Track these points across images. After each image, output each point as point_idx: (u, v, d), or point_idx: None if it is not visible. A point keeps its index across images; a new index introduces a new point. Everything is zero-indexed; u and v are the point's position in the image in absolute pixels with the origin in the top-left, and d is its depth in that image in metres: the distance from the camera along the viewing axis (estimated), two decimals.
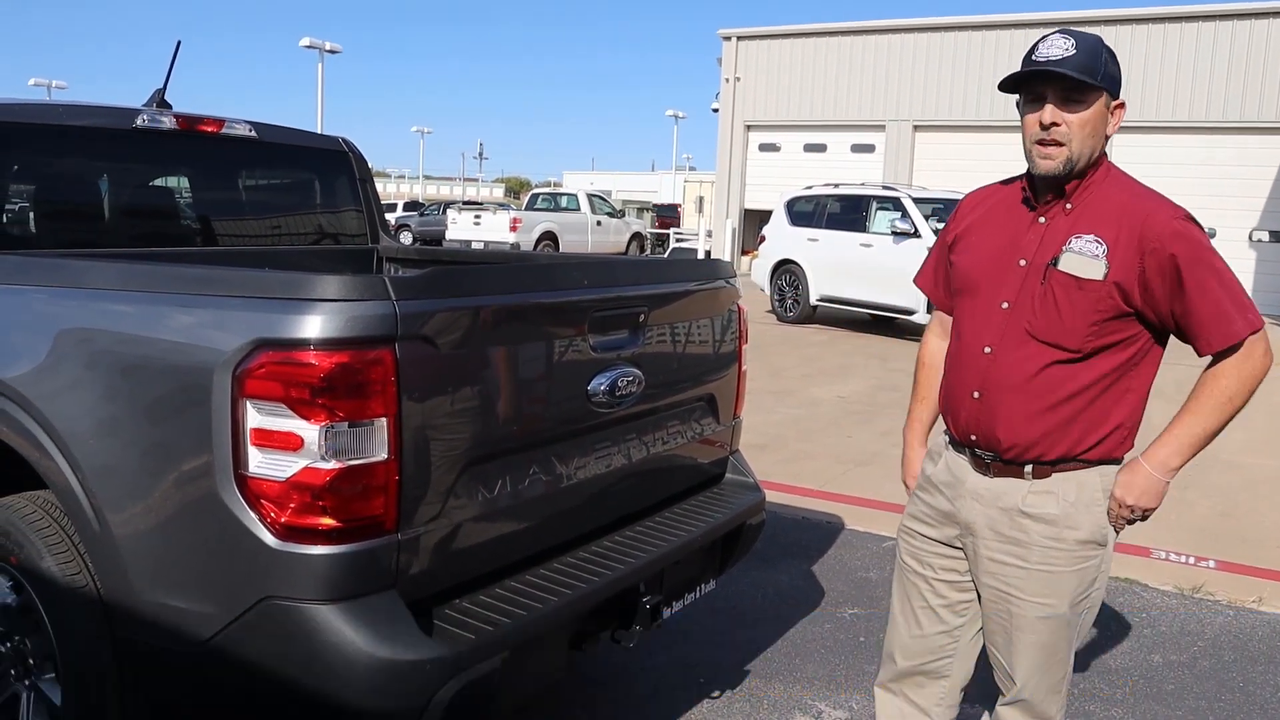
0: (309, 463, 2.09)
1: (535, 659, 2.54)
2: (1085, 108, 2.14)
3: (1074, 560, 2.27)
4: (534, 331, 2.55)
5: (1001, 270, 2.28)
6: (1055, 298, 2.18)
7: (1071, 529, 2.26)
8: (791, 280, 15.13)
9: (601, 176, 78.52)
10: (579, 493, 2.76)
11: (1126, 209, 2.17)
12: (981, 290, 2.32)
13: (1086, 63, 2.11)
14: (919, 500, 2.54)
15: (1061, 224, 2.22)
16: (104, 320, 2.44)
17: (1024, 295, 2.23)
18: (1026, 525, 2.27)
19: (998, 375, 2.26)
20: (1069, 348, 2.19)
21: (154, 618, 2.30)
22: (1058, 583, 2.28)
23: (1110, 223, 2.17)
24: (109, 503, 2.32)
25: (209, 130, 3.90)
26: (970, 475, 2.36)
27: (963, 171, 22.21)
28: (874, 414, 8.62)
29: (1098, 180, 2.22)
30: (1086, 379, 2.21)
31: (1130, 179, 2.26)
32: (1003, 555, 2.31)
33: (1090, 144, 2.17)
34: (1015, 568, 2.30)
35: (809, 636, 4.11)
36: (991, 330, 2.28)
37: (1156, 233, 2.12)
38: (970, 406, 2.31)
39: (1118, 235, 2.15)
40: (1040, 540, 2.27)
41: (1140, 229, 2.13)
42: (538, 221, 26.46)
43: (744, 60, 26.54)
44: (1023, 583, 2.30)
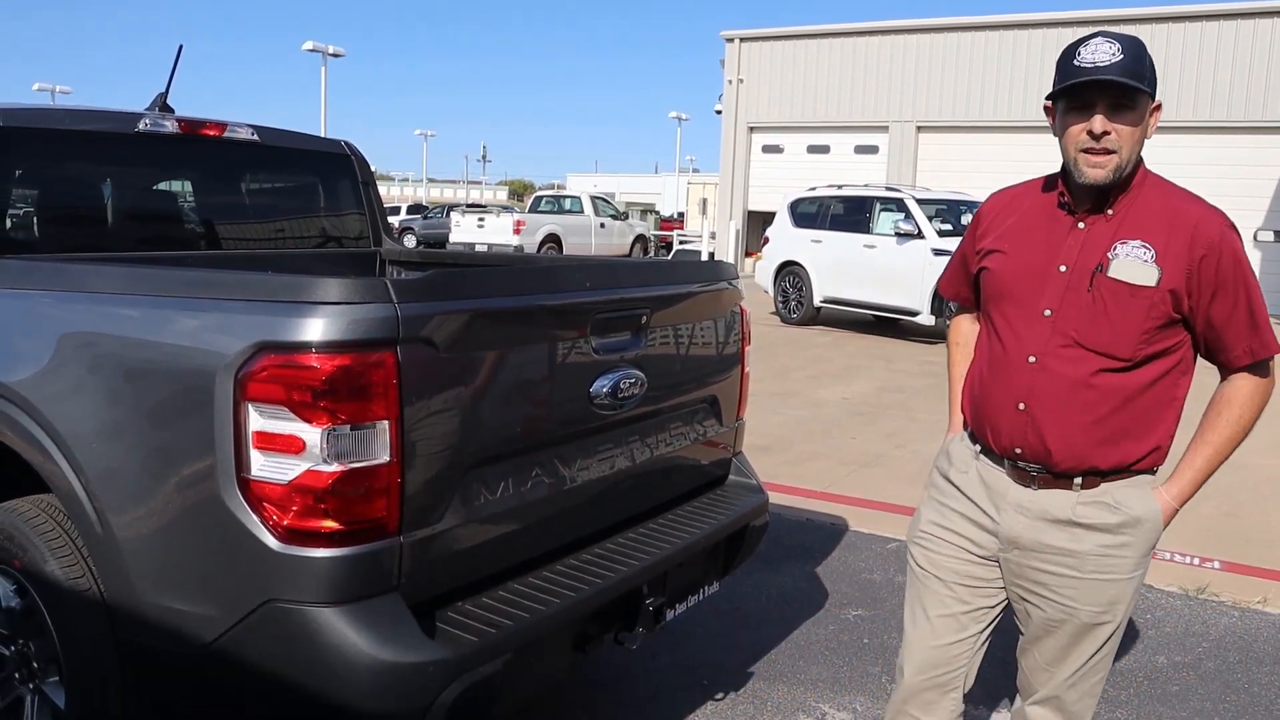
0: (311, 465, 2.09)
1: (538, 661, 2.54)
2: (1135, 114, 2.08)
3: (1130, 567, 2.24)
4: (536, 334, 2.55)
5: (1041, 277, 2.22)
6: (1106, 305, 2.13)
7: (1129, 535, 2.22)
8: (795, 282, 15.13)
9: (605, 179, 78.54)
10: (582, 495, 2.76)
11: (1174, 214, 2.13)
12: (1020, 297, 2.25)
13: (1135, 68, 2.05)
14: (941, 507, 2.44)
15: (1103, 230, 2.17)
16: (107, 324, 2.44)
17: (1067, 303, 2.17)
18: (1080, 535, 2.22)
19: (1045, 385, 2.19)
20: (1120, 356, 2.14)
21: (157, 620, 2.30)
22: (1115, 591, 2.24)
23: (1157, 228, 2.12)
24: (112, 506, 2.32)
25: (211, 134, 3.91)
26: (1012, 488, 2.29)
27: (966, 172, 22.23)
28: (878, 415, 8.62)
29: (1137, 184, 2.18)
30: (1135, 387, 2.16)
31: (1168, 183, 2.22)
32: (1055, 567, 2.25)
33: (1137, 150, 2.13)
34: (1070, 578, 2.24)
35: (813, 638, 4.10)
36: (1035, 339, 2.21)
37: (1208, 239, 2.09)
38: (1014, 419, 2.23)
39: (1167, 241, 2.11)
40: (1095, 549, 2.22)
41: (1191, 234, 2.10)
42: (541, 224, 26.48)
43: (747, 62, 26.55)
44: (1077, 593, 2.24)
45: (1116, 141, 2.08)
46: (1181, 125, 20.57)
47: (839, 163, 24.71)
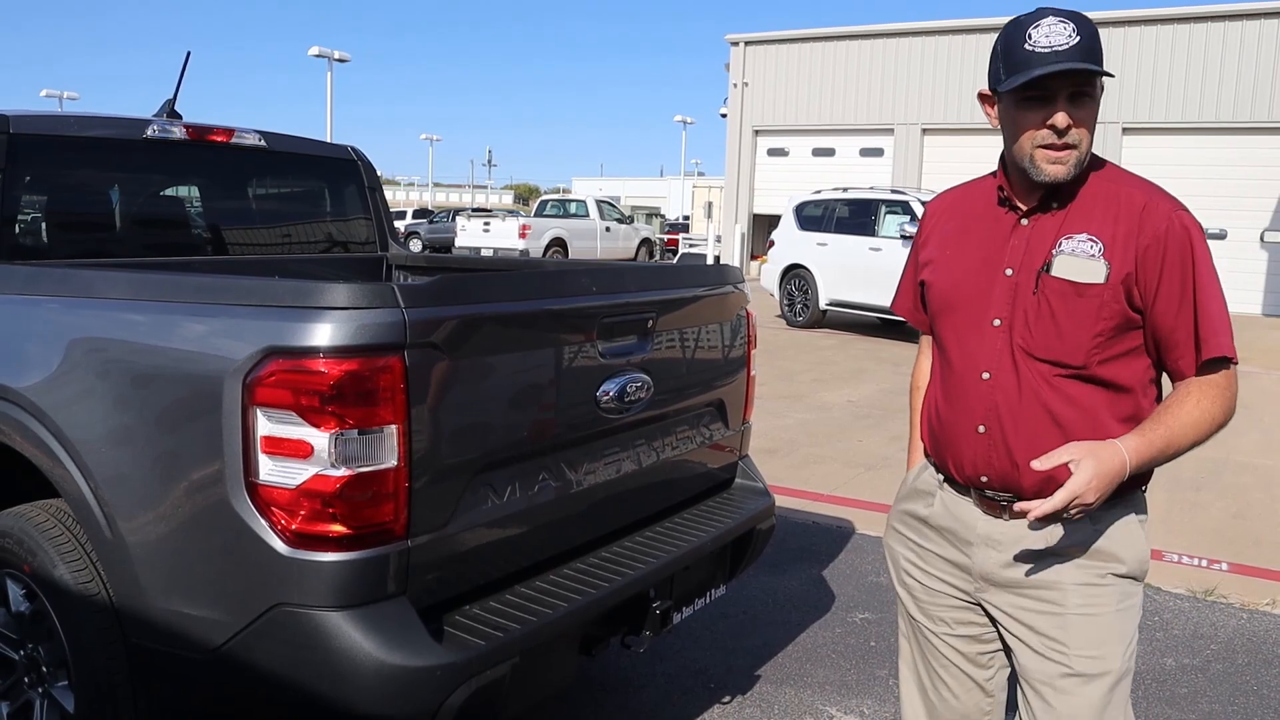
0: (319, 470, 2.10)
1: (545, 664, 2.55)
2: (1095, 102, 1.88)
3: (1116, 599, 1.97)
4: (543, 338, 2.56)
5: (986, 284, 2.00)
6: (1051, 308, 1.91)
7: (1110, 562, 1.97)
8: (801, 285, 15.13)
9: (610, 182, 78.63)
10: (589, 498, 2.76)
11: (1120, 200, 1.91)
12: (965, 308, 2.03)
13: (1092, 46, 1.83)
14: (913, 545, 2.22)
15: (1048, 224, 1.95)
16: (115, 329, 2.45)
17: (1017, 310, 1.96)
18: (1058, 565, 1.97)
19: (1003, 403, 1.97)
20: (1072, 364, 1.92)
21: (166, 625, 2.31)
22: (1102, 628, 1.96)
23: (1105, 219, 1.91)
24: (121, 511, 2.33)
25: (219, 140, 3.93)
26: (980, 520, 2.05)
27: (972, 174, 22.03)
28: (884, 418, 8.61)
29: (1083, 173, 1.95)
30: (1103, 399, 1.93)
31: (1120, 169, 1.99)
32: (1035, 604, 2.00)
33: (1091, 139, 1.91)
34: (1052, 615, 1.98)
35: (820, 641, 4.10)
36: (987, 353, 1.99)
37: (1154, 226, 1.87)
38: (976, 444, 2.01)
39: (1115, 231, 1.89)
40: (1077, 577, 1.97)
41: (1138, 221, 1.88)
42: (547, 228, 26.51)
43: (752, 65, 26.58)
44: (1063, 634, 1.97)
45: (1078, 135, 1.87)
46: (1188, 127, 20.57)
47: (844, 165, 24.73)
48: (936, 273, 2.12)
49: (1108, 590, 1.97)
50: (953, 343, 2.07)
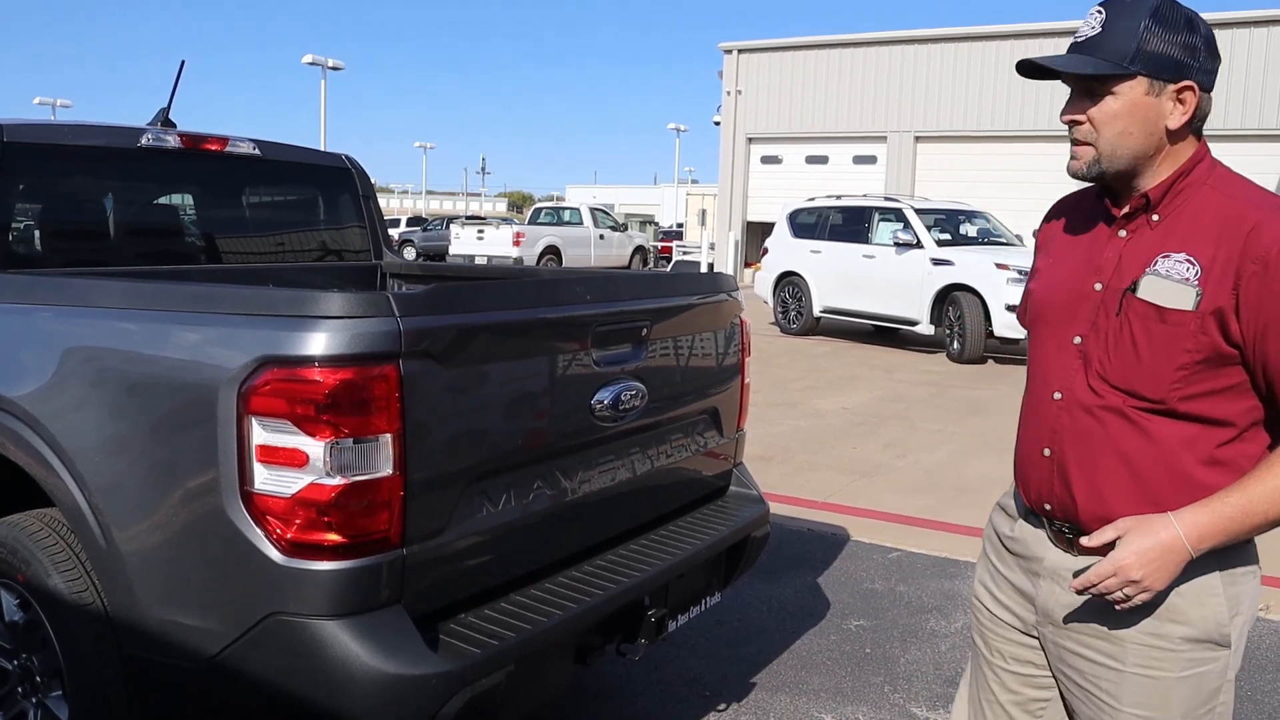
0: (314, 479, 2.10)
1: (540, 672, 2.55)
2: (1111, 98, 1.74)
3: (1182, 664, 1.78)
4: (537, 346, 2.56)
5: (1075, 297, 1.85)
6: (1133, 333, 1.74)
7: (1176, 623, 1.77)
8: (795, 292, 15.16)
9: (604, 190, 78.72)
10: (584, 506, 2.76)
11: (1230, 219, 1.71)
12: (1052, 322, 1.89)
13: (1113, 43, 1.71)
14: (991, 564, 2.06)
15: (1147, 239, 1.78)
16: (110, 338, 2.45)
17: (1097, 329, 1.80)
18: (1120, 616, 1.79)
19: (1069, 427, 1.83)
20: (1149, 397, 1.74)
21: (160, 634, 2.31)
22: (1162, 692, 1.79)
23: (1208, 238, 1.71)
24: (115, 520, 2.33)
25: (213, 149, 3.93)
26: (1050, 551, 1.90)
27: (965, 182, 22.29)
28: (878, 425, 8.62)
29: (1194, 183, 1.77)
30: (1181, 439, 1.74)
31: (1241, 181, 1.79)
32: (1092, 653, 1.85)
33: (1130, 142, 1.75)
34: (1108, 669, 1.83)
35: (814, 649, 4.11)
36: (1061, 372, 1.85)
37: (1261, 249, 1.65)
38: (1040, 467, 1.88)
39: (1215, 253, 1.69)
40: (1138, 637, 1.79)
41: (1244, 242, 1.67)
42: (541, 236, 26.51)
43: (745, 73, 26.64)
44: (1117, 689, 1.82)
45: (1089, 132, 1.77)
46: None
47: (838, 173, 24.76)
48: (1039, 281, 1.98)
49: (1173, 655, 1.78)
50: (1036, 356, 1.94)
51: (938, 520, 5.91)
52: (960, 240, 13.77)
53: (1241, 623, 1.81)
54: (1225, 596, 1.78)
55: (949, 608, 4.56)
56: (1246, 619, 1.82)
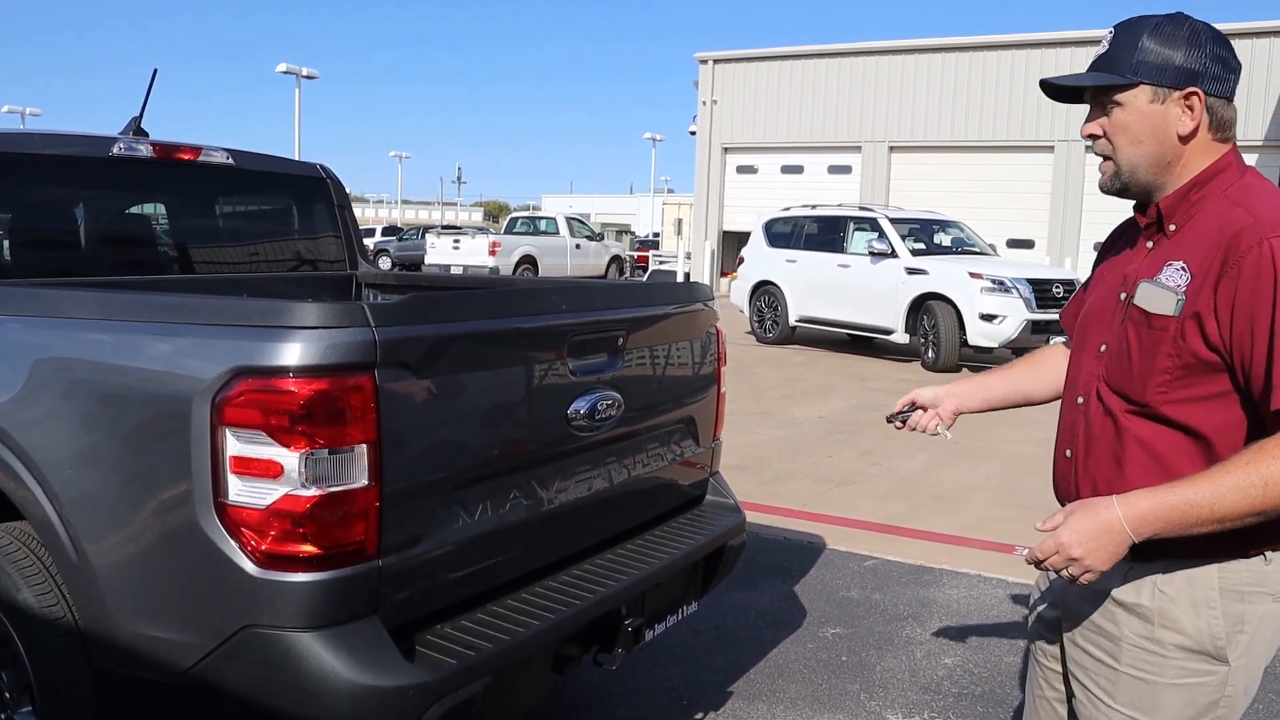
0: (289, 490, 2.09)
1: (518, 682, 2.54)
2: (1118, 109, 1.81)
3: (1173, 671, 1.81)
4: (513, 356, 2.56)
5: (1107, 309, 1.92)
6: (1128, 338, 1.82)
7: (1168, 629, 1.81)
8: (770, 301, 15.21)
9: (580, 200, 78.76)
10: (560, 516, 2.76)
11: (1224, 226, 1.74)
12: (1089, 330, 1.97)
13: (1114, 57, 1.81)
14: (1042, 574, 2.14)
15: (1164, 250, 1.84)
16: (81, 349, 2.43)
17: (1112, 337, 1.88)
18: (1119, 616, 1.86)
19: (1084, 431, 1.91)
20: (1136, 400, 1.81)
21: (133, 648, 2.28)
22: (1152, 696, 1.83)
23: (1205, 245, 1.75)
24: (87, 533, 2.31)
25: (186, 158, 3.90)
26: None
27: (939, 192, 22.45)
28: (854, 433, 8.66)
29: (1211, 193, 1.81)
30: (1175, 446, 1.78)
31: (1257, 190, 1.80)
32: (1094, 649, 1.92)
33: (1143, 150, 1.82)
34: (1106, 666, 1.89)
35: (791, 656, 4.11)
36: (1085, 377, 1.94)
37: (1241, 248, 1.69)
38: (1064, 467, 1.97)
39: (1206, 259, 1.74)
40: (1133, 637, 1.85)
41: (1226, 246, 1.71)
42: (517, 245, 26.53)
43: (720, 83, 26.75)
44: (1112, 687, 1.88)
45: (1106, 145, 1.85)
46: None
47: (813, 183, 24.91)
48: (1090, 291, 2.06)
49: (1165, 662, 1.82)
50: (1072, 365, 2.02)
51: (913, 528, 5.94)
52: (934, 250, 13.87)
53: (1246, 641, 1.80)
54: (1224, 612, 1.79)
55: (924, 615, 4.58)
56: (1256, 642, 1.82)
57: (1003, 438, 8.50)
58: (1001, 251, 18.92)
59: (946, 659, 4.12)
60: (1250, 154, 20.19)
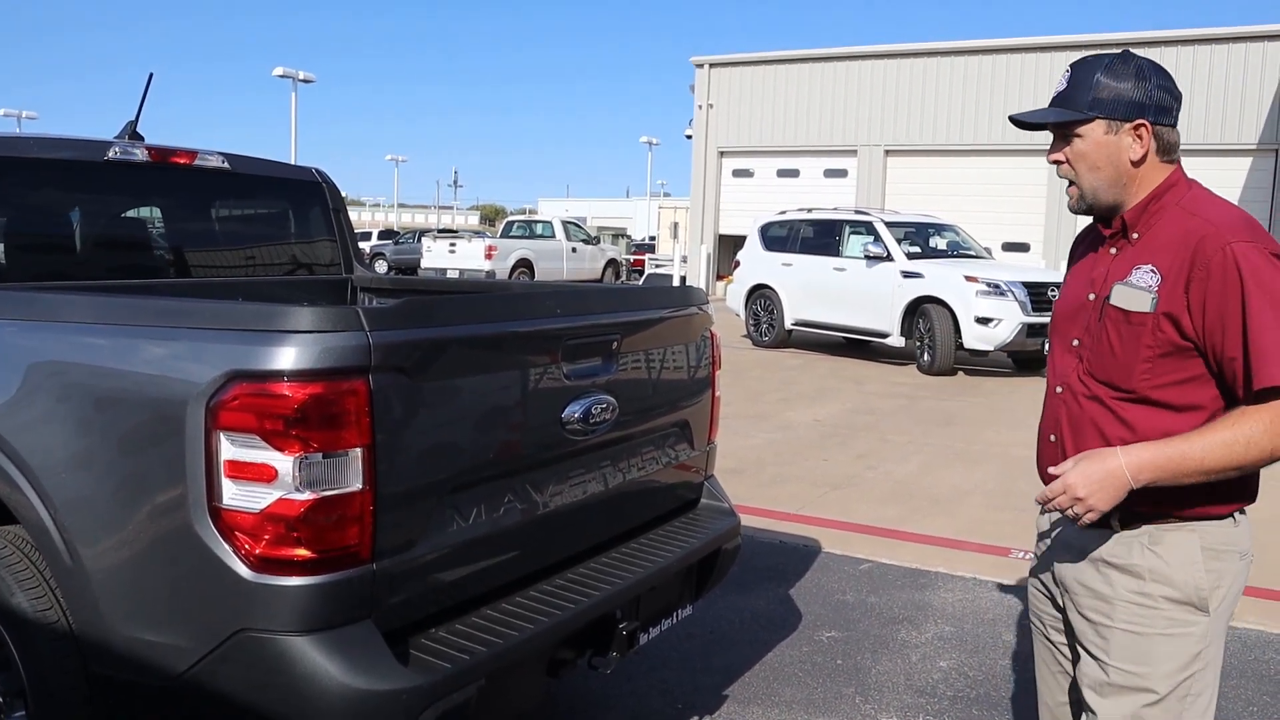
0: (283, 494, 2.09)
1: (512, 686, 2.54)
2: (1078, 140, 2.07)
3: (1165, 623, 2.05)
4: (508, 360, 2.57)
5: (1077, 307, 2.19)
6: (1108, 333, 2.07)
7: (1159, 583, 2.05)
8: (766, 305, 15.22)
9: (576, 203, 78.75)
10: (554, 520, 2.76)
11: (1186, 233, 2.00)
12: (1061, 328, 2.23)
13: (1070, 95, 2.06)
14: (1038, 548, 2.38)
15: (1128, 255, 2.09)
16: (76, 353, 2.43)
17: (1089, 331, 2.13)
18: (1112, 577, 2.09)
19: (1067, 416, 2.15)
20: (1124, 388, 2.05)
21: (127, 652, 2.28)
22: (1146, 648, 2.05)
23: (1169, 250, 2.01)
24: (81, 537, 2.31)
25: (181, 162, 3.91)
26: (1063, 526, 2.23)
27: (935, 195, 22.48)
28: (850, 437, 8.67)
29: (1166, 205, 2.07)
30: (1153, 424, 2.02)
31: (1207, 201, 2.07)
32: (1091, 613, 2.13)
33: (1102, 177, 2.08)
34: (1102, 625, 2.11)
35: (786, 660, 4.12)
36: (1064, 369, 2.18)
37: (1206, 254, 1.94)
38: (1048, 451, 2.20)
39: (1172, 263, 1.99)
40: (1126, 595, 2.07)
41: (1193, 251, 1.96)
42: (513, 249, 26.50)
43: (716, 87, 26.78)
44: (1107, 645, 2.10)
45: (1069, 170, 2.11)
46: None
47: (809, 186, 24.92)
48: (1060, 293, 2.32)
49: (1155, 613, 2.05)
50: (1050, 358, 2.27)
51: (909, 531, 5.94)
52: (930, 253, 13.88)
53: (1221, 595, 2.06)
54: (1206, 567, 2.05)
55: (919, 618, 4.59)
56: (1228, 596, 2.08)
57: (998, 440, 8.51)
58: (997, 255, 18.91)
59: (942, 662, 4.13)
60: (1244, 158, 20.25)
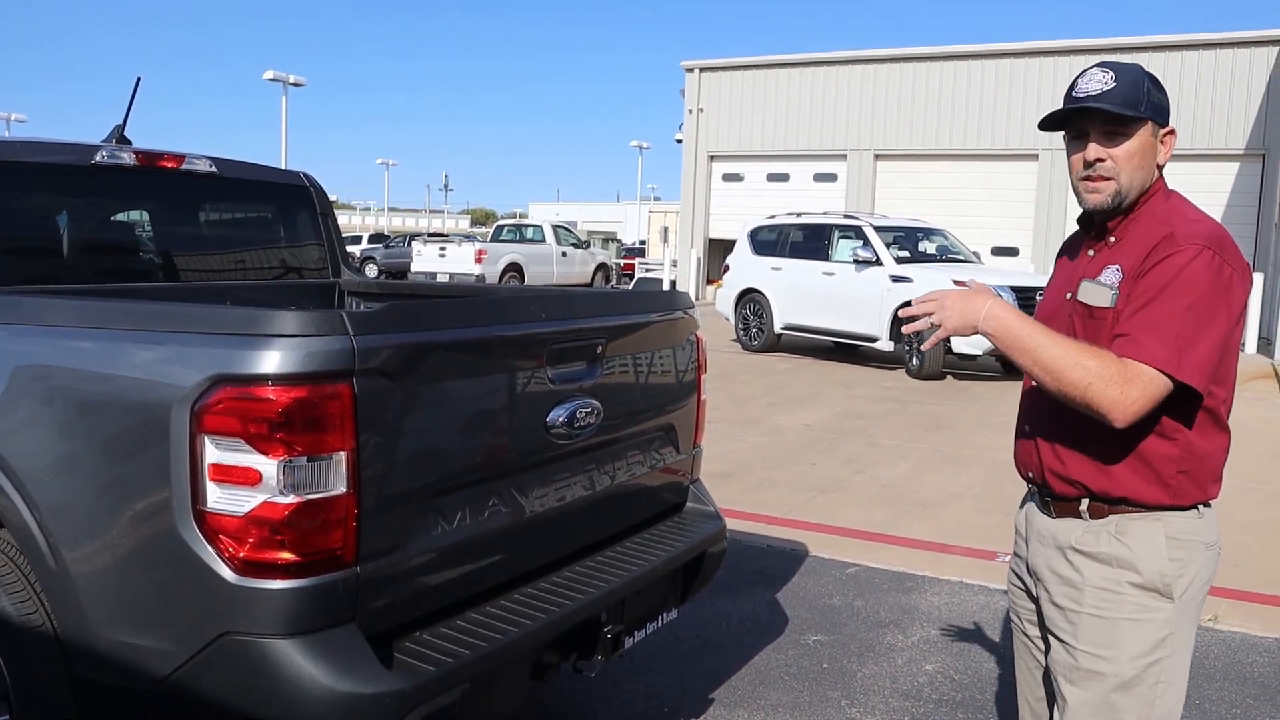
0: (267, 497, 2.10)
1: (496, 690, 2.55)
2: (1129, 140, 2.09)
3: (1132, 608, 2.10)
4: (492, 364, 2.58)
5: (1056, 306, 2.26)
6: (1074, 329, 2.14)
7: (1125, 570, 2.10)
8: (756, 309, 15.25)
9: (567, 207, 78.81)
10: (539, 523, 2.77)
11: (1152, 235, 2.08)
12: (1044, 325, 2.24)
13: (1128, 94, 2.07)
14: (1015, 544, 2.43)
15: (1104, 257, 2.17)
16: (62, 357, 2.43)
17: (1062, 328, 2.15)
18: (1080, 563, 2.16)
19: (1038, 407, 2.23)
20: None
21: (112, 655, 2.29)
22: (1112, 632, 2.11)
23: (1137, 250, 2.09)
24: (66, 540, 2.31)
25: (169, 166, 3.91)
26: (1037, 518, 2.28)
27: (924, 200, 22.55)
28: (838, 441, 8.69)
29: (1148, 211, 2.14)
30: None
31: (1180, 208, 2.14)
32: (1061, 599, 2.19)
33: (1140, 176, 2.12)
34: (1071, 611, 2.16)
35: (773, 664, 4.13)
36: None
37: (1159, 253, 2.02)
38: (1024, 443, 2.30)
39: (1133, 261, 2.08)
40: (1094, 580, 2.13)
41: (1152, 249, 2.04)
42: (503, 253, 26.51)
43: (707, 91, 26.82)
44: (1075, 630, 2.15)
45: (1113, 168, 2.10)
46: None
47: (798, 191, 24.97)
48: (1044, 293, 2.40)
49: (1122, 599, 2.11)
50: None
51: (896, 535, 5.96)
52: (919, 257, 13.92)
53: (1186, 584, 2.11)
54: (1170, 555, 2.10)
55: (906, 622, 4.61)
56: (1194, 584, 2.12)
57: (986, 444, 8.54)
58: (986, 259, 19.00)
59: (927, 665, 4.14)
60: (1230, 163, 20.35)
